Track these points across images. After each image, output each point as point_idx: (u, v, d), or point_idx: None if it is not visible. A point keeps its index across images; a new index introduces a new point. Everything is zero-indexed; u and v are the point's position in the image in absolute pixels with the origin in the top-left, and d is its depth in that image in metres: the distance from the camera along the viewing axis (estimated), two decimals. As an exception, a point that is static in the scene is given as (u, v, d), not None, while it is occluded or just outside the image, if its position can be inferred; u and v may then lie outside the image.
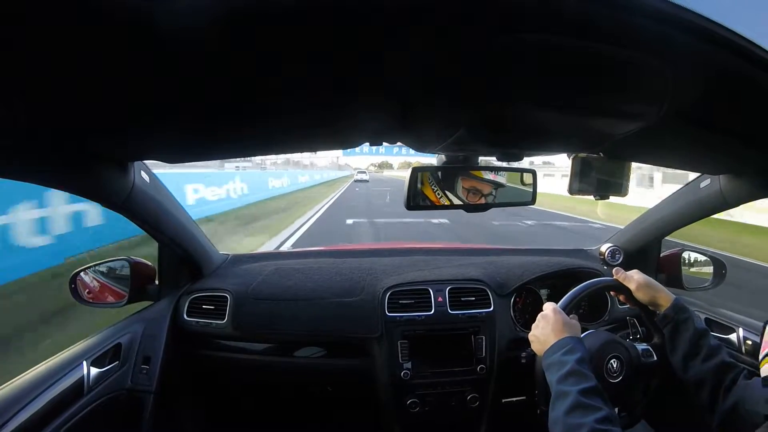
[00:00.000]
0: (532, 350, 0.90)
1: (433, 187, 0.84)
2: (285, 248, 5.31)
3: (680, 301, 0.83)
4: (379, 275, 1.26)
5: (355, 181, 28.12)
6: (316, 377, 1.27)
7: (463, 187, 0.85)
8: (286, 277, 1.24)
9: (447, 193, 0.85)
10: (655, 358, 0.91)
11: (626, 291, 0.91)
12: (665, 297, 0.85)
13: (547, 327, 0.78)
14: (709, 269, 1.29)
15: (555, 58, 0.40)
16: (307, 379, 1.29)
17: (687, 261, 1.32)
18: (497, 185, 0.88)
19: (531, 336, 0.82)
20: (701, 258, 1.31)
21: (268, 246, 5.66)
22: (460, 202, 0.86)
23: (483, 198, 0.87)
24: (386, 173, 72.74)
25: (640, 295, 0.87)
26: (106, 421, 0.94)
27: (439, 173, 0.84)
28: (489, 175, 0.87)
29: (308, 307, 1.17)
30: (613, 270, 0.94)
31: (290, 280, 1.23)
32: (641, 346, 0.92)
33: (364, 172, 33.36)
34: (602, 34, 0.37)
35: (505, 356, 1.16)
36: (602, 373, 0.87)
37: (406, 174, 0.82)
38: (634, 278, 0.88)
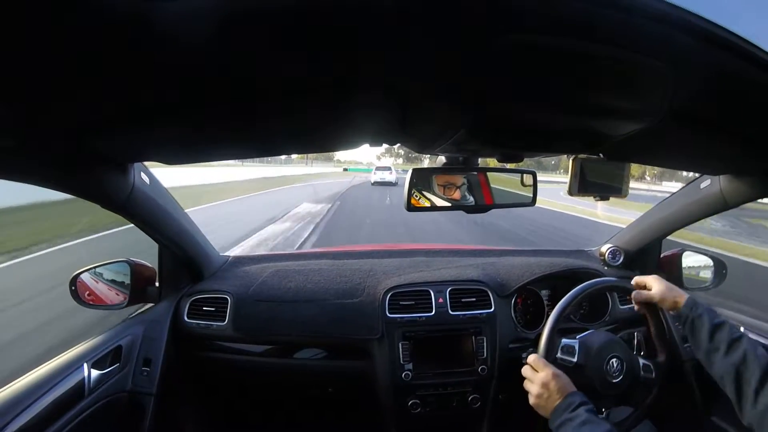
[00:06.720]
0: (533, 350, 0.89)
1: (433, 188, 0.84)
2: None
3: (692, 299, 0.82)
4: (379, 276, 1.26)
5: (373, 183, 19.45)
6: (317, 379, 1.26)
7: (463, 187, 0.85)
8: (286, 278, 1.24)
9: (447, 194, 0.85)
10: (654, 375, 0.91)
11: (627, 292, 0.91)
12: (682, 297, 0.84)
13: (547, 392, 0.79)
14: (710, 269, 1.29)
15: (555, 59, 0.40)
16: (308, 381, 1.28)
17: (687, 261, 1.32)
18: (497, 186, 0.88)
19: (534, 403, 0.81)
20: (702, 258, 1.31)
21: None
22: (461, 203, 0.86)
23: (483, 199, 0.87)
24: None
25: (665, 305, 0.86)
26: (107, 424, 0.93)
27: (439, 174, 0.84)
28: (489, 176, 0.87)
29: (309, 309, 1.17)
30: (634, 280, 0.92)
31: (291, 282, 1.23)
32: (643, 361, 0.92)
33: (389, 169, 21.39)
34: (603, 34, 0.37)
35: (506, 357, 1.16)
36: (603, 373, 0.87)
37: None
38: (655, 289, 0.87)
